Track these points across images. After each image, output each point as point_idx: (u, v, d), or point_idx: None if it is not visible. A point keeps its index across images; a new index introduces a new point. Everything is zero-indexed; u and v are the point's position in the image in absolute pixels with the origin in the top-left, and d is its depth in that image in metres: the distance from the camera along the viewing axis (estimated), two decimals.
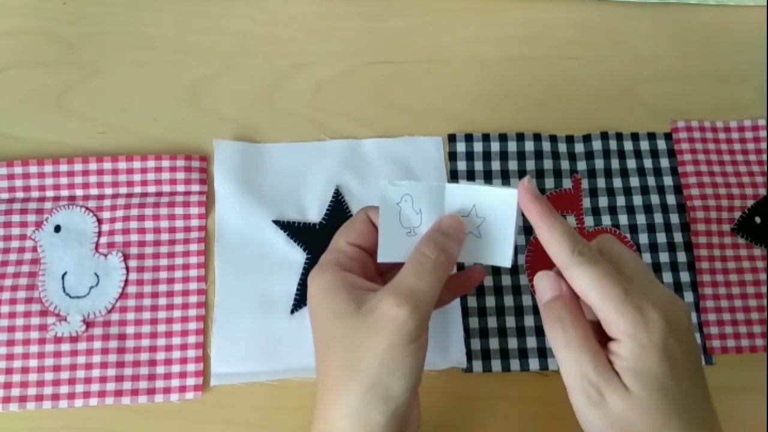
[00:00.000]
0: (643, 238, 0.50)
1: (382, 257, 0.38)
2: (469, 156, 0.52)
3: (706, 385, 0.34)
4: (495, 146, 0.52)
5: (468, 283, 0.44)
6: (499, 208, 0.37)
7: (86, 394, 0.45)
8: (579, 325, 0.34)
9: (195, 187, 0.49)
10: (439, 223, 0.38)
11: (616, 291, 0.33)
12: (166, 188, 0.49)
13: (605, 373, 0.32)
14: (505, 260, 0.38)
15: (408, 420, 0.36)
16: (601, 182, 0.51)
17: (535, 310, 0.48)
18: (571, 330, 0.34)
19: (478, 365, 0.47)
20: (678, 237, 0.50)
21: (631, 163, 0.52)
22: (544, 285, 0.36)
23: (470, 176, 0.51)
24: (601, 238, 0.37)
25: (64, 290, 0.47)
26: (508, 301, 0.48)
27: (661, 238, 0.50)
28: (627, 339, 0.32)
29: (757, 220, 0.51)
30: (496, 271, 0.49)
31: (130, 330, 0.46)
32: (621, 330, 0.32)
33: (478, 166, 0.51)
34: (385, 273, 0.41)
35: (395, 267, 0.38)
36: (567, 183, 0.51)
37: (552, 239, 0.35)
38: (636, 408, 0.32)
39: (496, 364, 0.47)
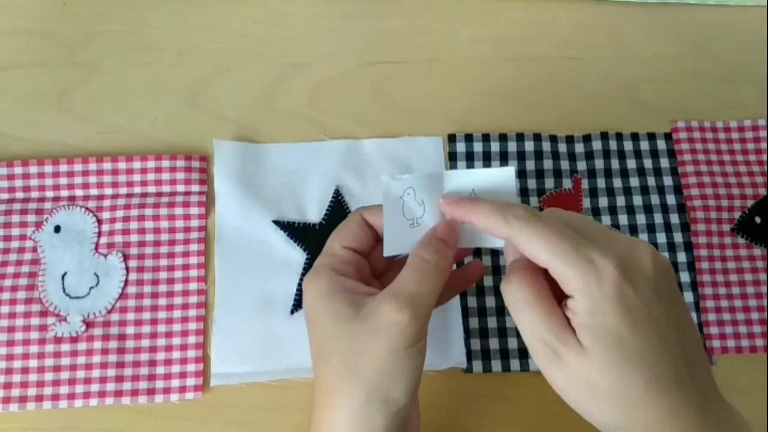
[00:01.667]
0: (643, 238, 0.50)
1: (388, 251, 0.38)
2: (469, 156, 0.52)
3: (686, 335, 0.32)
4: (495, 146, 0.52)
5: (467, 280, 0.43)
6: (497, 187, 0.37)
7: (86, 395, 0.45)
8: (531, 285, 0.33)
9: (195, 187, 0.49)
10: (434, 229, 0.38)
11: (563, 245, 0.31)
12: (166, 188, 0.49)
13: (559, 332, 0.32)
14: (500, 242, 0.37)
15: (408, 422, 0.36)
16: (601, 182, 0.51)
17: None
18: (522, 291, 0.33)
19: (478, 365, 0.47)
20: (678, 237, 0.50)
21: (631, 163, 0.52)
22: (507, 251, 0.36)
23: None
24: (545, 210, 0.37)
25: (64, 290, 0.47)
26: None
27: (661, 238, 0.50)
28: (579, 294, 0.31)
29: (757, 220, 0.51)
30: (497, 271, 0.49)
31: (130, 330, 0.46)
32: (574, 286, 0.31)
33: (478, 166, 0.51)
34: (381, 276, 0.41)
35: (393, 269, 0.38)
36: (567, 183, 0.51)
37: (484, 220, 0.34)
38: (594, 365, 0.31)
39: (496, 364, 0.47)
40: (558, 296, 0.33)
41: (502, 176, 0.37)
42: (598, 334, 0.31)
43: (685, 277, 0.49)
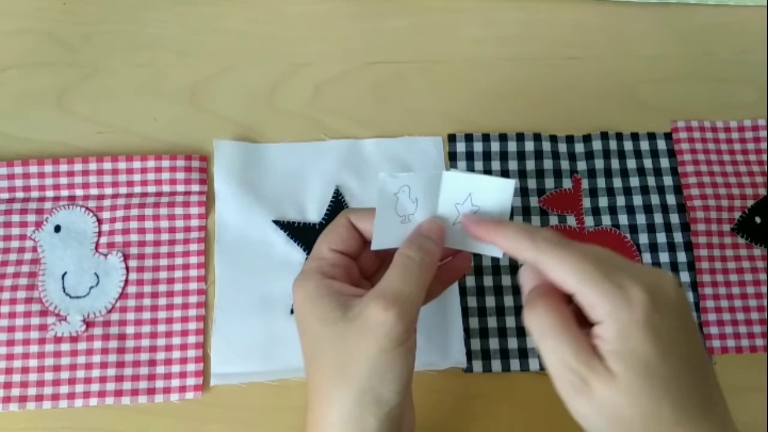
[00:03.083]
0: (643, 238, 0.50)
1: (376, 245, 0.38)
2: (469, 156, 0.52)
3: (705, 364, 0.32)
4: (495, 146, 0.52)
5: (455, 272, 0.43)
6: (494, 198, 0.37)
7: (86, 394, 0.45)
8: (556, 311, 0.32)
9: (195, 187, 0.49)
10: (419, 227, 0.38)
11: (593, 271, 0.31)
12: (166, 188, 0.49)
13: (587, 358, 0.31)
14: (497, 251, 0.37)
15: (402, 421, 0.36)
16: (601, 182, 0.51)
17: None
18: (547, 317, 0.32)
19: (478, 365, 0.47)
20: (678, 237, 0.50)
21: (631, 163, 0.52)
22: (524, 276, 0.35)
23: None
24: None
25: (64, 290, 0.47)
26: (508, 301, 0.48)
27: (661, 238, 0.50)
28: (609, 320, 0.31)
29: (757, 220, 0.51)
30: (497, 271, 0.49)
31: (130, 330, 0.46)
32: (603, 311, 0.31)
33: (478, 166, 0.51)
34: (371, 277, 0.41)
35: (383, 269, 0.38)
36: (567, 183, 0.51)
37: (511, 244, 0.34)
38: (623, 392, 0.30)
39: (496, 364, 0.47)
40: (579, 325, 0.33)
41: (502, 188, 0.37)
42: (628, 360, 0.30)
43: (685, 277, 0.49)
